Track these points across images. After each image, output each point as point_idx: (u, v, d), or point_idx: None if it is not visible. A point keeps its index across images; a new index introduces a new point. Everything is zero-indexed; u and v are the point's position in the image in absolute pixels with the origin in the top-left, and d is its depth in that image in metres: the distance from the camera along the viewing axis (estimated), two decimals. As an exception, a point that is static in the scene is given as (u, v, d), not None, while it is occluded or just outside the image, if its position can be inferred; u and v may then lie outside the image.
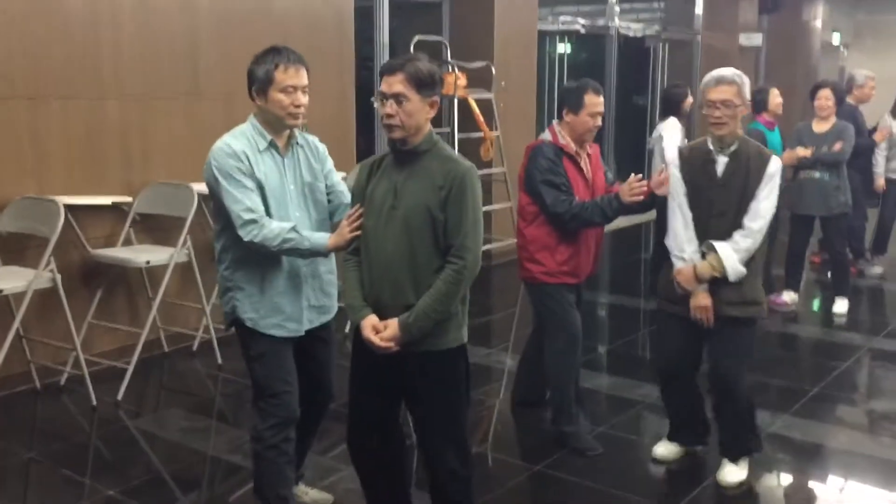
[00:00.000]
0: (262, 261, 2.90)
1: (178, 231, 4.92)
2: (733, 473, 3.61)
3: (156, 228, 5.10)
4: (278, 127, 2.92)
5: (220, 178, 2.82)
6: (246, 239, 2.80)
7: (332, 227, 2.99)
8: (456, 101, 6.92)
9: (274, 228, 2.80)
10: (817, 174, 6.08)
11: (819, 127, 6.14)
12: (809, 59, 13.61)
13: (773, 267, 6.49)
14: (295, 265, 2.96)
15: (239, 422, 4.36)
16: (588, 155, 3.92)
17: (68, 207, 4.43)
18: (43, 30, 4.56)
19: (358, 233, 2.74)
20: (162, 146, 5.15)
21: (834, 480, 3.77)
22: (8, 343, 4.23)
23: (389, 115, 2.59)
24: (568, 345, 3.92)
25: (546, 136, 3.87)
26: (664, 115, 6.34)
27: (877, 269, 7.44)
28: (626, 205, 3.67)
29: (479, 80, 7.32)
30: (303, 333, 3.01)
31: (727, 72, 3.44)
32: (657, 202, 3.72)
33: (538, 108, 8.61)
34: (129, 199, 4.93)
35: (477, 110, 6.88)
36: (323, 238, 2.85)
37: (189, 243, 4.82)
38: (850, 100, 7.03)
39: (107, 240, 4.91)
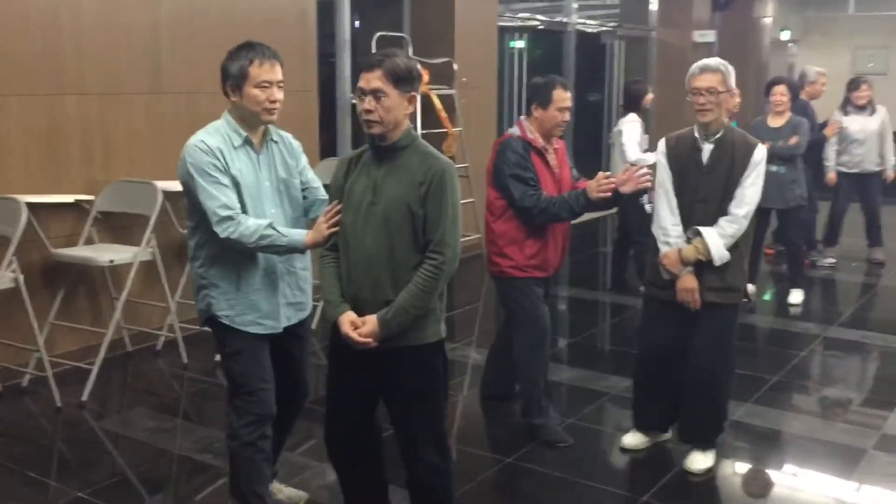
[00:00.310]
0: (238, 258, 2.89)
1: (141, 229, 4.87)
2: (700, 461, 3.70)
3: (117, 227, 5.04)
4: (253, 123, 2.90)
5: (196, 175, 2.80)
6: (222, 236, 2.78)
7: (308, 224, 2.98)
8: (418, 97, 6.92)
9: (250, 225, 2.78)
10: (774, 168, 6.18)
11: (775, 122, 6.29)
12: (760, 55, 13.87)
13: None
14: (271, 262, 2.95)
15: (206, 421, 4.34)
16: (555, 150, 3.97)
17: (29, 206, 4.36)
18: (2, 26, 4.47)
19: (336, 229, 2.74)
20: (123, 143, 5.08)
21: (793, 466, 3.87)
22: (-31, 345, 4.15)
23: (368, 111, 2.60)
24: (537, 338, 3.96)
25: (514, 130, 3.91)
26: (625, 111, 6.44)
27: (829, 260, 7.64)
28: (593, 201, 3.73)
29: (440, 76, 7.35)
30: (280, 330, 3.01)
31: (712, 61, 3.54)
32: (620, 199, 3.79)
33: (498, 104, 8.67)
34: (90, 197, 4.86)
35: (439, 106, 6.90)
36: (300, 234, 2.84)
37: (153, 241, 4.77)
38: (802, 95, 7.21)
39: (68, 239, 4.83)
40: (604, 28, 11.47)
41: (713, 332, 3.60)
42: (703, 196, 3.51)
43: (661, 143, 3.68)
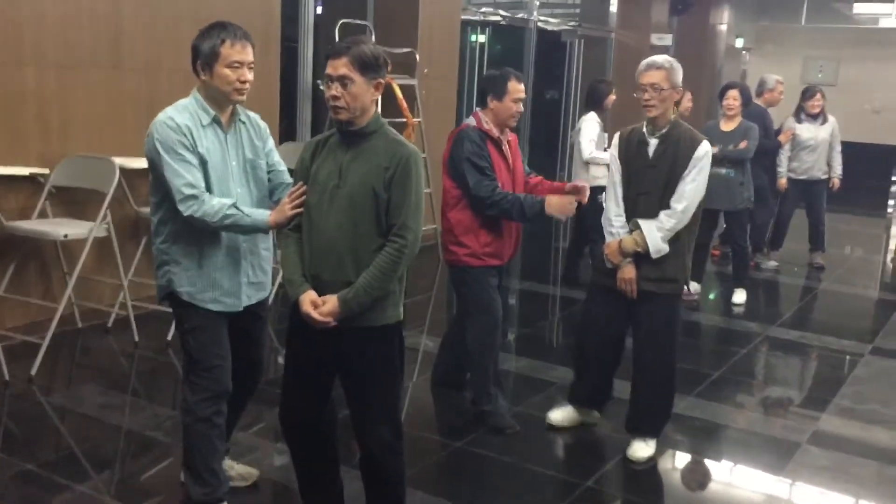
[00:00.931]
0: (201, 236, 2.91)
1: (95, 205, 4.84)
2: (643, 449, 3.82)
3: (71, 202, 4.99)
4: (222, 102, 2.92)
5: (162, 152, 2.81)
6: (186, 214, 2.80)
7: (272, 207, 3.01)
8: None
9: (214, 204, 2.81)
10: (723, 171, 6.38)
11: (726, 126, 6.46)
12: (714, 61, 14.18)
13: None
14: (234, 241, 2.98)
15: (157, 399, 4.35)
16: (508, 142, 4.07)
17: (-18, 177, 4.32)
18: (-42, -8, 4.41)
19: (299, 210, 2.78)
20: (81, 117, 5.04)
21: (730, 457, 4.01)
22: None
23: (335, 97, 2.65)
24: (489, 327, 4.05)
25: (470, 121, 3.99)
26: (586, 109, 6.55)
27: (772, 263, 7.87)
28: (546, 214, 3.85)
29: (402, 65, 7.38)
30: (241, 309, 3.03)
31: (659, 58, 3.66)
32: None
33: (458, 96, 8.74)
34: (45, 170, 4.81)
35: (401, 96, 6.93)
36: (263, 215, 2.87)
37: (109, 218, 4.74)
38: (759, 102, 7.41)
39: (21, 212, 4.78)
40: (564, 27, 11.61)
41: (652, 323, 3.74)
42: (646, 189, 3.64)
43: (616, 137, 3.82)
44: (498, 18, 10.13)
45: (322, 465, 3.02)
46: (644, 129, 3.70)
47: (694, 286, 6.67)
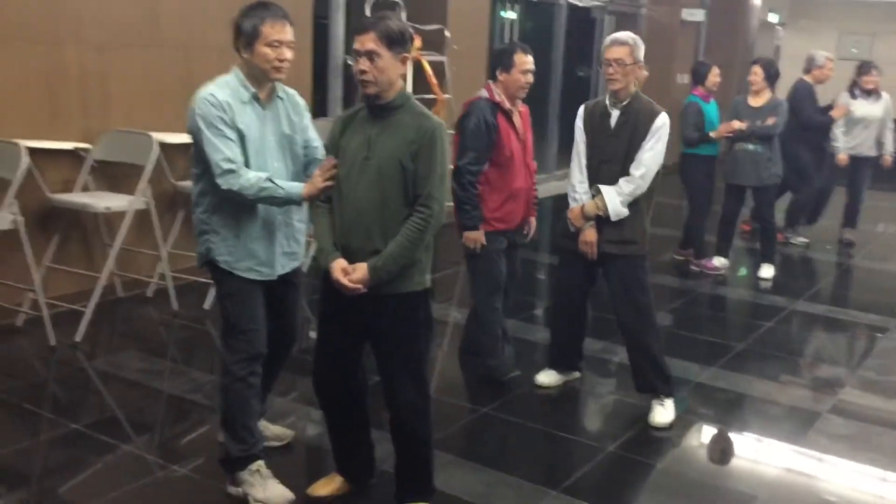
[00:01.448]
0: (239, 207, 3.02)
1: (134, 178, 4.99)
2: (661, 414, 3.95)
3: (112, 175, 5.15)
4: (261, 79, 3.01)
5: (203, 126, 2.91)
6: (223, 188, 2.91)
7: (307, 180, 3.11)
8: (410, 62, 7.04)
9: (251, 178, 2.91)
10: (751, 146, 6.41)
11: (755, 101, 6.45)
12: (748, 36, 14.02)
13: (705, 233, 6.87)
14: (270, 213, 3.09)
15: (195, 365, 4.52)
16: (519, 112, 4.24)
17: (28, 151, 4.46)
18: (4, -28, 4.56)
19: (331, 183, 2.89)
20: (120, 93, 5.19)
21: (752, 426, 4.10)
22: (-32, 283, 4.29)
23: (363, 72, 2.75)
24: (490, 289, 4.27)
25: (483, 93, 4.17)
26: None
27: (801, 239, 7.87)
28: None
29: (432, 42, 7.45)
30: (275, 278, 3.15)
31: (623, 35, 3.87)
32: None
33: (488, 73, 8.78)
34: (87, 145, 4.97)
35: (430, 72, 7.01)
36: (297, 187, 2.98)
37: (149, 191, 4.90)
38: (808, 78, 7.39)
39: (64, 185, 4.95)
40: (594, 3, 11.57)
41: (618, 282, 3.96)
42: (608, 157, 3.86)
43: (581, 109, 4.05)
44: (528, -5, 10.13)
45: (353, 428, 3.15)
46: (606, 101, 3.91)
47: (721, 261, 6.73)
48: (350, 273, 2.81)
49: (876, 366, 4.86)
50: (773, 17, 15.01)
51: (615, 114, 3.86)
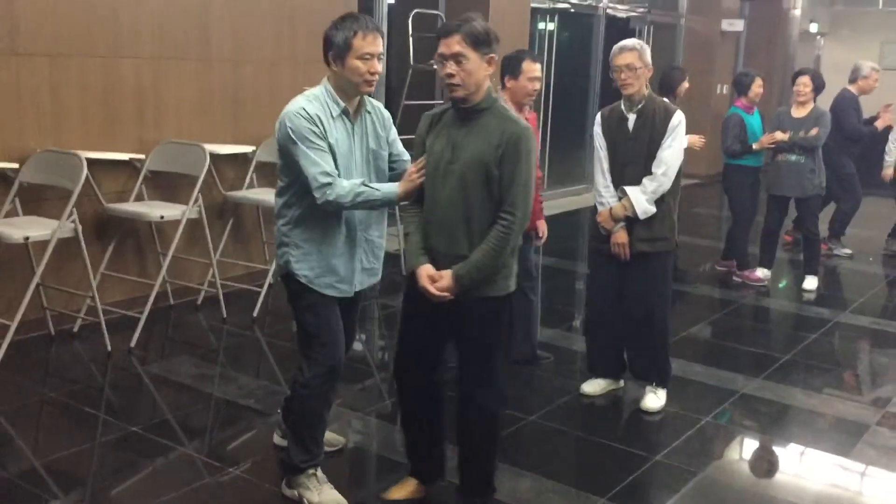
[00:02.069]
0: (322, 222, 3.02)
1: (186, 188, 5.13)
2: (653, 400, 4.18)
3: (164, 185, 5.29)
4: (351, 93, 3.00)
5: (297, 140, 2.89)
6: (321, 200, 2.89)
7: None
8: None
9: (346, 185, 2.90)
10: (794, 157, 6.39)
11: (798, 112, 6.44)
12: (787, 46, 13.93)
13: (749, 245, 6.85)
14: (352, 228, 3.09)
15: (247, 370, 4.62)
16: (526, 119, 4.26)
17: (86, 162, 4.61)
18: (65, -11, 4.72)
19: (423, 178, 2.90)
20: (173, 106, 5.33)
21: (799, 437, 4.08)
22: (31, 290, 4.42)
23: (450, 75, 2.73)
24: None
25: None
26: (659, 96, 6.59)
27: (846, 250, 7.80)
28: None
29: (473, 54, 7.51)
30: (352, 295, 3.17)
31: (629, 41, 3.99)
32: None
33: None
34: (141, 156, 5.12)
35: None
36: (392, 187, 2.98)
37: (200, 200, 5.02)
38: (853, 89, 7.36)
39: (119, 195, 5.09)
40: (633, 13, 11.59)
41: (645, 278, 4.07)
42: (630, 159, 3.99)
43: (598, 117, 4.16)
44: (567, 6, 10.19)
45: (430, 424, 3.16)
46: (622, 107, 4.04)
47: (764, 272, 6.71)
48: (437, 280, 2.83)
49: (924, 378, 4.83)
50: (813, 28, 14.89)
51: (632, 118, 3.98)
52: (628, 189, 3.97)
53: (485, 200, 2.79)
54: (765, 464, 3.91)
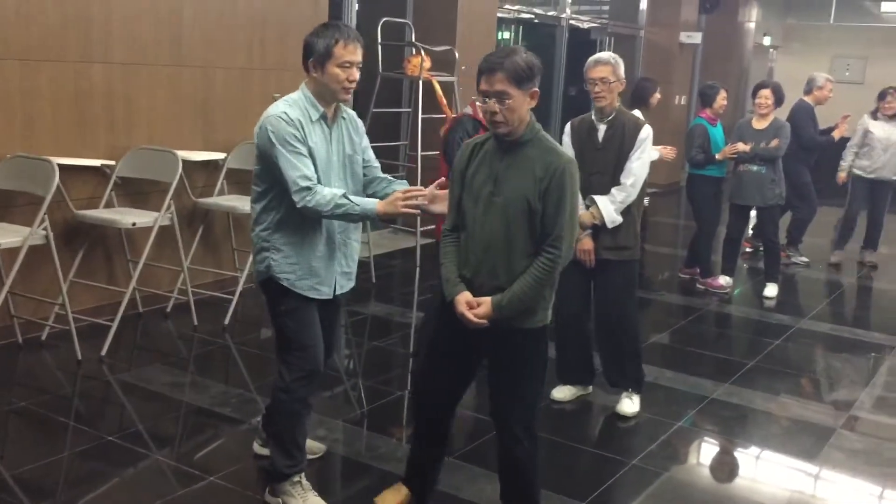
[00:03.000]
0: (303, 225, 3.04)
1: (157, 195, 5.08)
2: (628, 405, 4.29)
3: (135, 192, 5.24)
4: (329, 99, 3.04)
5: (277, 144, 2.92)
6: (300, 204, 2.91)
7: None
8: (421, 82, 7.17)
9: (326, 194, 2.93)
10: (755, 168, 6.56)
11: (758, 124, 6.61)
12: (742, 58, 14.27)
13: (711, 252, 7.00)
14: (331, 232, 3.11)
15: (220, 378, 4.59)
16: None
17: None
18: (37, -7, 4.66)
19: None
20: (144, 112, 5.28)
21: (767, 441, 4.18)
22: (2, 298, 4.34)
23: (494, 113, 2.70)
24: None
25: (468, 110, 4.36)
26: (631, 107, 6.71)
27: (802, 259, 8.00)
28: None
29: (441, 62, 7.59)
30: (331, 297, 3.19)
31: (604, 55, 4.10)
32: None
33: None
34: (112, 162, 5.05)
35: (440, 92, 7.14)
36: (371, 203, 3.00)
37: (172, 207, 4.98)
38: (808, 99, 7.56)
39: (88, 201, 5.03)
40: (594, 24, 11.77)
41: (611, 285, 4.20)
42: (599, 169, 4.07)
43: (567, 127, 4.26)
44: (530, 16, 10.31)
45: (437, 446, 3.19)
46: (593, 117, 4.13)
47: (726, 279, 6.85)
48: (475, 307, 2.80)
49: (884, 383, 4.99)
50: (766, 41, 15.26)
51: (602, 128, 4.07)
52: (597, 198, 4.05)
53: (526, 234, 2.76)
54: (736, 469, 3.99)
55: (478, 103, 2.83)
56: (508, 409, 2.95)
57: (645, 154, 4.06)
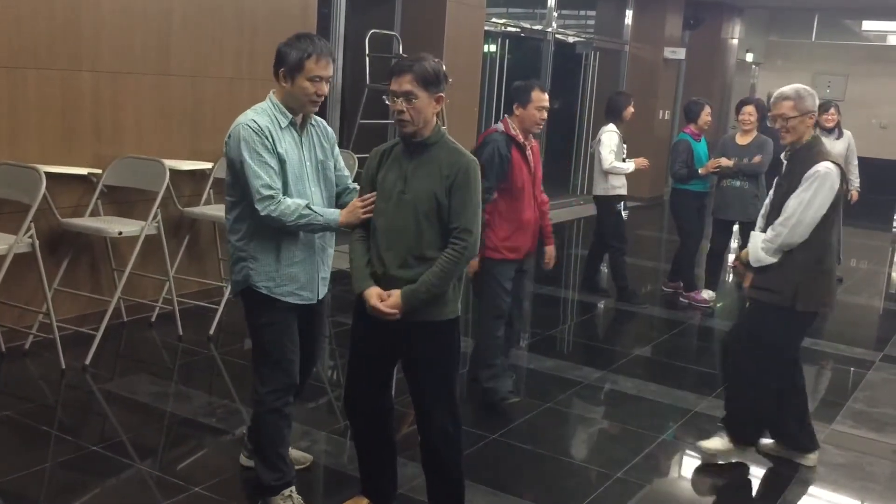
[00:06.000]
0: (278, 232, 3.06)
1: (144, 204, 5.07)
2: (714, 441, 4.06)
3: (121, 201, 5.23)
4: (297, 110, 3.08)
5: (244, 153, 2.95)
6: (262, 213, 2.95)
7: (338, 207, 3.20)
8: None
9: (290, 204, 2.97)
10: (738, 183, 6.63)
11: (742, 140, 6.68)
12: (725, 74, 14.42)
13: (695, 266, 7.06)
14: (309, 237, 3.15)
15: (206, 388, 4.57)
16: (531, 147, 4.44)
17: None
18: (26, 2, 4.64)
19: (370, 215, 3.00)
20: (131, 121, 5.27)
21: (757, 453, 4.22)
22: (-15, 304, 4.32)
23: (400, 112, 2.86)
24: (495, 315, 4.42)
25: (499, 126, 4.39)
26: (606, 120, 6.78)
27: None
28: None
29: (428, 75, 7.61)
30: (315, 302, 3.21)
31: (787, 89, 3.88)
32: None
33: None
34: (98, 170, 5.04)
35: (427, 104, 7.15)
36: (334, 214, 3.06)
37: (159, 216, 4.97)
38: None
39: (74, 210, 5.01)
40: (580, 39, 11.86)
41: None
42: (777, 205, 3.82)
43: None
44: (517, 30, 10.38)
45: (381, 448, 3.23)
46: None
47: (709, 293, 6.91)
48: (385, 299, 2.90)
49: (864, 397, 5.04)
50: (749, 57, 15.44)
51: (784, 164, 3.89)
52: (752, 234, 3.95)
53: (436, 228, 2.90)
54: (719, 480, 4.02)
55: (387, 102, 2.92)
56: (431, 402, 3.03)
57: (807, 193, 3.64)
